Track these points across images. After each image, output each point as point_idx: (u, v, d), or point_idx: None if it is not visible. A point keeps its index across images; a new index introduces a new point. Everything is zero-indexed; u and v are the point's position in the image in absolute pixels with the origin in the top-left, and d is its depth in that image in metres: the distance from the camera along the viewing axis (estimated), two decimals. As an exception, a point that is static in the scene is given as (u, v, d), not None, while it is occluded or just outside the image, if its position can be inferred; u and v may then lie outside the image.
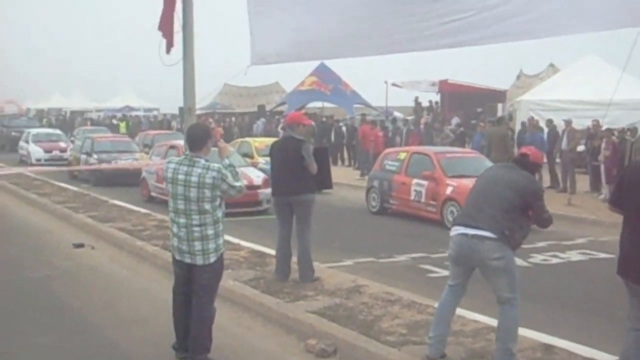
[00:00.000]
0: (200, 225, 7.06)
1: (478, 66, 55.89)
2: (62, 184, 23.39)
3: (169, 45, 11.71)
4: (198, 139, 7.19)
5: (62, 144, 33.07)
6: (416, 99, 44.27)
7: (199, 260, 7.15)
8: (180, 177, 7.05)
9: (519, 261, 12.70)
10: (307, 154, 10.17)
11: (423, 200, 17.27)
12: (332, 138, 33.81)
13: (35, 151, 32.50)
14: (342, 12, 11.43)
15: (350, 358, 7.62)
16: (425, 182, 17.18)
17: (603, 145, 20.93)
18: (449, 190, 16.58)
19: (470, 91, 40.93)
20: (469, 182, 16.31)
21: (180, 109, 55.65)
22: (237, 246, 12.91)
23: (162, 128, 46.64)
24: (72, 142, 32.57)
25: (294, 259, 10.49)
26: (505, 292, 6.90)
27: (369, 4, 11.12)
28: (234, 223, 15.88)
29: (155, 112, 64.95)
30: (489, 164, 18.42)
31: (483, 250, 6.77)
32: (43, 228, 16.19)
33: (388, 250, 13.51)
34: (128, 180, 22.59)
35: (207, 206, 7.03)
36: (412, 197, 17.46)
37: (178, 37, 12.72)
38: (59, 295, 10.40)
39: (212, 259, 7.17)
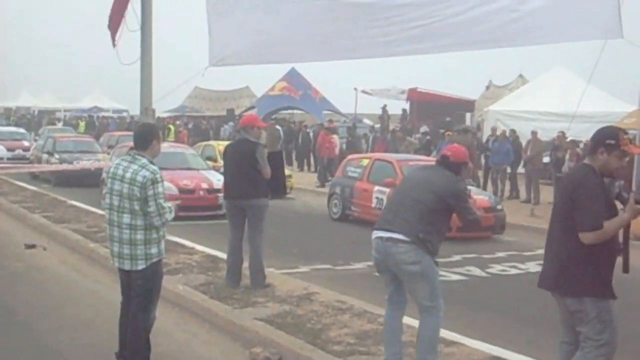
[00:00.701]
0: (130, 227, 6.76)
1: (448, 76, 56.12)
2: (22, 184, 22.98)
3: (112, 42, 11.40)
4: (143, 138, 7.00)
5: (25, 143, 32.56)
6: (384, 106, 44.21)
7: (127, 265, 6.88)
8: (119, 172, 6.84)
9: (476, 271, 12.78)
10: (261, 157, 9.96)
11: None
12: (300, 143, 33.62)
13: (-3, 148, 32.02)
14: (303, 16, 11.27)
15: (295, 367, 7.44)
16: (387, 190, 16.89)
17: (567, 156, 20.92)
18: None
19: (439, 100, 40.98)
20: None
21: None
22: (191, 250, 12.70)
23: (130, 129, 46.07)
24: (36, 140, 32.07)
25: (246, 264, 10.28)
26: (424, 300, 6.68)
27: (330, 9, 10.98)
28: (191, 226, 15.74)
29: (124, 114, 64.42)
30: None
31: (396, 253, 6.58)
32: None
33: (346, 257, 13.31)
34: (89, 181, 22.14)
35: (137, 206, 6.72)
36: (373, 205, 17.27)
37: (136, 36, 12.54)
38: (3, 298, 10.08)
39: (140, 266, 6.84)
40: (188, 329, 8.80)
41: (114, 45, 11.94)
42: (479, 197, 16.93)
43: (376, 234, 6.80)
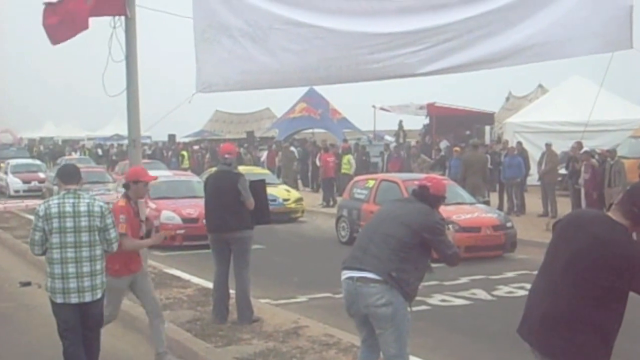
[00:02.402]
0: (90, 260, 6.94)
1: (468, 89, 55.61)
2: (32, 217, 22.74)
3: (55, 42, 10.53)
4: (74, 174, 7.28)
5: (41, 175, 32.58)
6: (400, 122, 43.75)
7: (88, 297, 6.97)
8: (68, 209, 6.89)
9: (482, 294, 12.30)
10: (243, 188, 9.62)
11: None
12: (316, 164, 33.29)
13: (14, 182, 32.05)
14: (291, 44, 11.01)
15: (269, 412, 7.04)
16: None
17: (583, 168, 20.38)
18: None
19: (458, 114, 40.39)
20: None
21: (170, 136, 55.66)
22: (186, 283, 12.38)
23: (155, 157, 45.77)
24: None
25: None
26: (390, 347, 6.15)
27: (316, 36, 10.72)
28: (194, 256, 15.43)
29: (147, 140, 64.49)
30: (459, 191, 17.92)
31: (368, 294, 6.03)
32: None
33: (347, 284, 12.87)
34: (100, 211, 22.01)
35: (98, 237, 6.97)
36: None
37: (121, 67, 12.24)
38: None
39: (99, 295, 7.08)
40: (168, 370, 8.43)
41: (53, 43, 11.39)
42: (488, 215, 16.50)
43: (346, 274, 6.26)
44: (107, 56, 12.10)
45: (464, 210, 16.41)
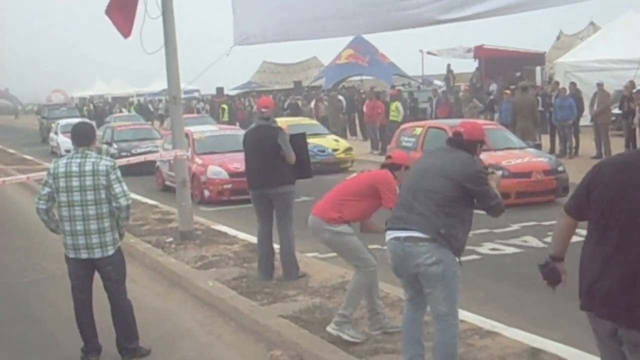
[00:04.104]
0: (97, 218, 7.06)
1: (518, 29, 54.45)
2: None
3: (126, 34, 10.96)
4: (86, 135, 7.32)
5: (91, 134, 32.76)
6: (448, 66, 43.06)
7: (97, 254, 7.16)
8: (75, 169, 7.06)
9: (534, 241, 11.99)
10: (283, 143, 9.42)
11: None
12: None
13: (64, 142, 32.14)
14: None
15: (315, 370, 6.91)
16: None
17: (638, 107, 19.77)
18: None
19: (507, 55, 39.68)
20: (484, 157, 15.36)
21: (218, 89, 55.52)
22: (233, 239, 12.30)
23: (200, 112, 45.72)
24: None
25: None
26: (441, 306, 5.89)
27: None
28: (243, 210, 15.23)
29: (195, 94, 64.58)
30: (509, 135, 17.51)
31: (417, 253, 5.75)
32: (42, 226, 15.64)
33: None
34: (150, 168, 21.83)
35: (104, 195, 7.05)
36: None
37: (157, 23, 12.08)
38: (32, 304, 9.86)
39: (110, 252, 7.21)
40: (213, 330, 8.34)
41: (125, 36, 11.50)
42: (538, 159, 16.09)
43: (391, 234, 5.97)
44: (144, 13, 11.98)
45: (514, 155, 16.01)
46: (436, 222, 5.73)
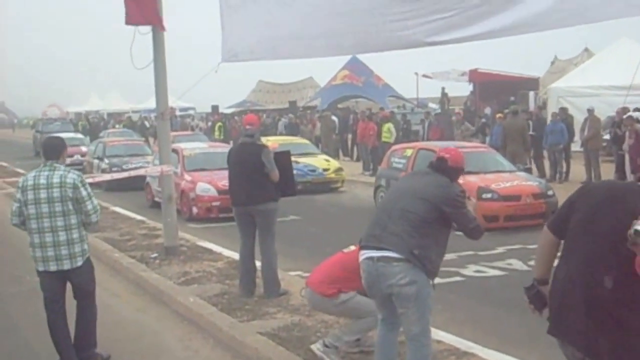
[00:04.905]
0: (65, 229, 7.18)
1: (513, 54, 54.69)
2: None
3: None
4: (55, 149, 7.47)
5: (83, 149, 32.77)
6: (442, 89, 43.16)
7: (67, 265, 7.25)
8: (42, 181, 7.20)
9: (518, 264, 11.99)
10: (267, 160, 9.43)
11: None
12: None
13: (57, 156, 32.23)
14: (317, 10, 10.77)
15: (289, 388, 6.90)
16: None
17: (627, 133, 19.79)
18: None
19: (501, 79, 39.74)
20: (474, 179, 15.48)
21: (214, 107, 55.58)
22: (217, 256, 12.28)
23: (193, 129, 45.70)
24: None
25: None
26: (413, 326, 5.89)
27: (344, 2, 10.48)
28: (229, 228, 15.17)
29: (190, 111, 64.64)
30: (500, 158, 17.56)
31: (390, 273, 5.76)
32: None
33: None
34: (141, 184, 21.79)
35: (71, 206, 7.15)
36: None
37: (147, 39, 12.11)
38: (12, 314, 9.87)
39: (79, 262, 7.29)
40: (191, 345, 8.33)
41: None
42: (528, 183, 16.12)
43: (365, 254, 6.00)
44: (134, 29, 12.02)
45: (503, 179, 16.02)
46: (410, 242, 5.75)
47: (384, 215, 6.03)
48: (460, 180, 14.77)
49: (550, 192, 15.85)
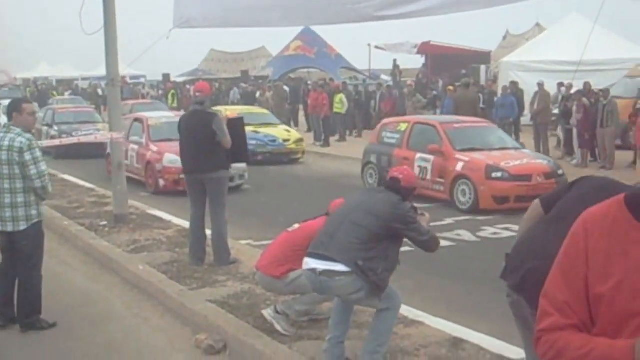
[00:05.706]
0: (10, 192, 7.27)
1: (466, 27, 54.92)
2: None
3: None
4: (8, 109, 7.68)
5: (33, 115, 32.25)
6: (394, 61, 43.23)
7: (9, 227, 7.36)
8: None
9: (466, 235, 12.15)
10: (218, 128, 9.37)
11: (429, 177, 15.17)
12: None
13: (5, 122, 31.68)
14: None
15: (239, 355, 6.91)
16: (431, 157, 15.23)
17: (575, 108, 20.11)
18: (459, 166, 14.65)
19: (453, 53, 39.95)
20: (481, 157, 14.84)
21: (165, 75, 55.07)
22: (167, 224, 12.24)
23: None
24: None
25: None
26: (379, 307, 6.09)
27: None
28: (177, 198, 15.04)
29: (141, 79, 63.86)
30: (502, 135, 17.02)
31: (334, 287, 5.92)
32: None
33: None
34: (91, 151, 21.24)
35: (17, 170, 7.23)
36: (416, 174, 15.57)
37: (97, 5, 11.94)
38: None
39: (22, 227, 7.36)
40: (140, 313, 8.31)
41: None
42: (537, 161, 15.28)
43: (309, 263, 6.07)
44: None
45: (511, 156, 15.02)
46: (355, 255, 5.83)
47: (335, 223, 6.13)
48: (465, 158, 14.37)
49: (560, 172, 14.82)
